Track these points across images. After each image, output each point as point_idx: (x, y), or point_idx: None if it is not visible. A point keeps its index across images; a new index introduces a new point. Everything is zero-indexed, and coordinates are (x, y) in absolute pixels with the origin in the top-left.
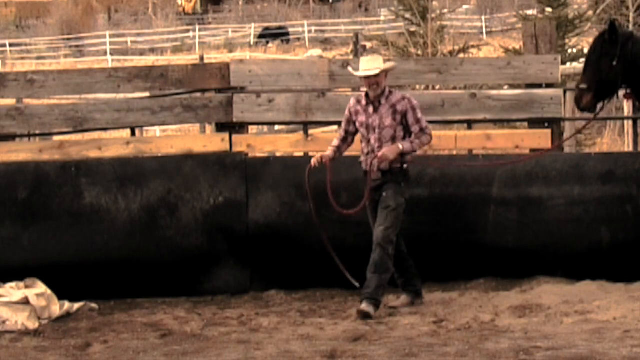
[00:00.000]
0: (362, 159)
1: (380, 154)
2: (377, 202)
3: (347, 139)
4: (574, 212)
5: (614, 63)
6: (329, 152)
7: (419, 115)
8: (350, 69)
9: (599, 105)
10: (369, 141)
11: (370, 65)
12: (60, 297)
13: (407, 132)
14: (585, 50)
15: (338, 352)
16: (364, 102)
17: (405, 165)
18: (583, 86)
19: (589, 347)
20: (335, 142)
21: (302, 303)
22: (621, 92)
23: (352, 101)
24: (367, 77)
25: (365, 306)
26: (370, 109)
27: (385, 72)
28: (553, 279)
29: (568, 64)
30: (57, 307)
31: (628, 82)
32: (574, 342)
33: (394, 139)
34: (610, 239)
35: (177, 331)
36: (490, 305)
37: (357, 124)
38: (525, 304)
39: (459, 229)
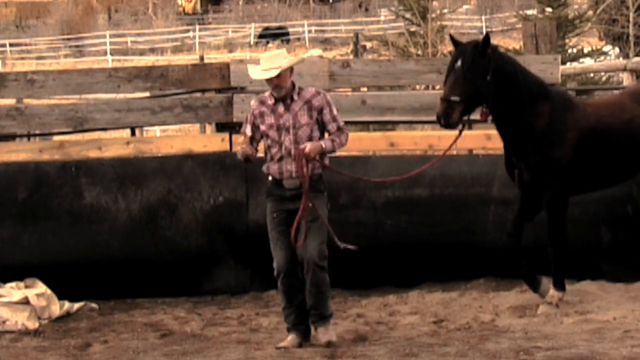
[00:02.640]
0: (273, 167)
1: (307, 149)
2: (290, 213)
3: (252, 145)
4: (574, 212)
5: (488, 77)
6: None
7: (335, 112)
8: (249, 68)
9: (463, 120)
10: (281, 145)
11: (269, 64)
12: (60, 297)
13: (323, 133)
14: (586, 50)
15: (338, 352)
16: (270, 101)
17: (321, 171)
18: (455, 98)
19: (589, 347)
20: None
21: None
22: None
23: (255, 102)
24: (267, 79)
25: (324, 333)
26: (280, 108)
27: (290, 70)
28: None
29: (568, 64)
30: (57, 307)
31: (496, 99)
32: (574, 342)
33: (310, 140)
34: (610, 239)
35: (177, 331)
36: (490, 305)
37: (264, 127)
38: (525, 304)
39: (459, 229)
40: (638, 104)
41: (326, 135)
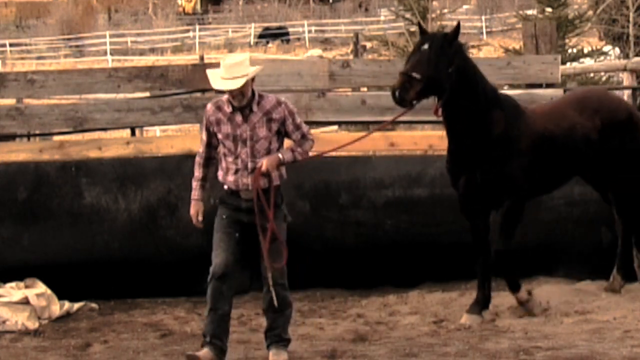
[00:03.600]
0: (230, 179)
1: (263, 166)
2: (243, 225)
3: (210, 159)
4: (574, 212)
5: (450, 70)
6: (199, 204)
7: (298, 120)
8: (208, 74)
9: (414, 102)
10: (237, 157)
11: (233, 72)
12: (60, 297)
13: (282, 143)
14: (586, 50)
15: (338, 352)
16: (227, 108)
17: (279, 183)
18: (416, 75)
19: (589, 347)
20: (199, 173)
21: (302, 303)
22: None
23: (210, 107)
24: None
25: (275, 354)
26: (238, 118)
27: (252, 78)
28: (553, 279)
29: (568, 64)
30: (57, 307)
31: (453, 94)
32: (574, 342)
33: (268, 152)
34: (611, 239)
35: (177, 331)
36: (490, 305)
37: (220, 136)
38: None
39: (459, 229)
40: (577, 112)
41: (286, 144)
